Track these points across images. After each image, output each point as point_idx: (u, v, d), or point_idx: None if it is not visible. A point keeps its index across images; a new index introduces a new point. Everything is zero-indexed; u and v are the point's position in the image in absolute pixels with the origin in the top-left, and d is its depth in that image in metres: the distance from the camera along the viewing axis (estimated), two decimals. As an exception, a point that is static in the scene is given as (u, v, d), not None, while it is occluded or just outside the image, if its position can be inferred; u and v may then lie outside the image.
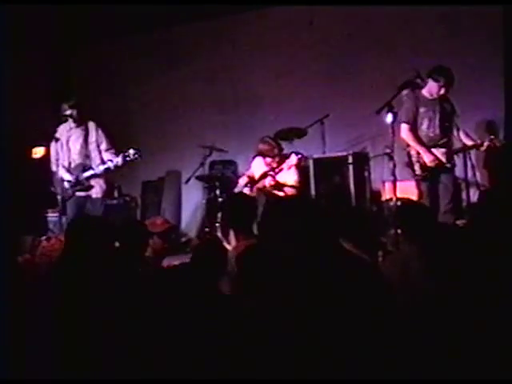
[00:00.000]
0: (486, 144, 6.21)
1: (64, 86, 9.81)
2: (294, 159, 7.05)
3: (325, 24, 8.39)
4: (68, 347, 2.67)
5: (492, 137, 6.34)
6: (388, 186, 6.66)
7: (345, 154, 7.39)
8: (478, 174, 6.62)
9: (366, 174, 7.25)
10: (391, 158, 6.21)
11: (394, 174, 6.21)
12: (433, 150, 6.24)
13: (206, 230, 7.82)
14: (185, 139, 9.00)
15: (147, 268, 4.21)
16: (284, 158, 7.29)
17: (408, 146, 6.37)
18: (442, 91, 6.23)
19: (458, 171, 6.97)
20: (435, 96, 6.28)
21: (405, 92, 6.96)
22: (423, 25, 7.79)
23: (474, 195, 6.63)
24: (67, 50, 9.91)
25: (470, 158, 6.33)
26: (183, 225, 9.38)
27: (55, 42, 9.47)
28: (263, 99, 8.76)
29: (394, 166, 6.21)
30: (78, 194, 6.78)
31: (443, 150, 6.23)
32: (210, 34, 9.07)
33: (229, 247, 4.04)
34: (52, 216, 8.16)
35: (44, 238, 6.73)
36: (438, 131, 6.27)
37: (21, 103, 8.60)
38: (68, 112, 6.78)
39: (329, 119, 7.74)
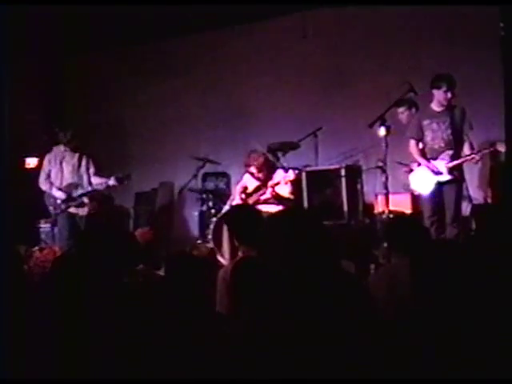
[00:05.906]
0: (479, 154, 6.18)
1: (57, 95, 9.82)
2: (291, 175, 7.07)
3: (318, 37, 8.43)
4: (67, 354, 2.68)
5: (485, 149, 6.31)
6: (380, 198, 6.71)
7: (337, 166, 7.40)
8: (470, 187, 6.62)
9: (359, 186, 7.26)
10: (384, 171, 6.27)
11: (386, 187, 6.27)
12: (436, 161, 6.23)
13: (199, 242, 7.82)
14: (178, 151, 9.00)
15: (137, 280, 4.20)
16: (272, 171, 7.30)
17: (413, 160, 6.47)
18: (449, 96, 6.17)
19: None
20: (445, 104, 6.22)
21: (400, 110, 7.05)
22: (418, 37, 7.82)
23: (466, 208, 6.65)
24: (62, 59, 9.92)
25: (462, 172, 6.31)
26: (175, 236, 9.37)
27: (49, 50, 9.45)
28: (257, 111, 8.79)
29: (387, 178, 6.26)
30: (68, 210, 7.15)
31: (445, 161, 6.20)
32: (204, 47, 9.10)
33: (222, 260, 4.03)
34: (44, 227, 8.17)
35: (37, 248, 6.75)
36: (442, 143, 6.24)
37: (14, 113, 8.58)
38: (64, 141, 7.20)
39: (322, 132, 7.75)
